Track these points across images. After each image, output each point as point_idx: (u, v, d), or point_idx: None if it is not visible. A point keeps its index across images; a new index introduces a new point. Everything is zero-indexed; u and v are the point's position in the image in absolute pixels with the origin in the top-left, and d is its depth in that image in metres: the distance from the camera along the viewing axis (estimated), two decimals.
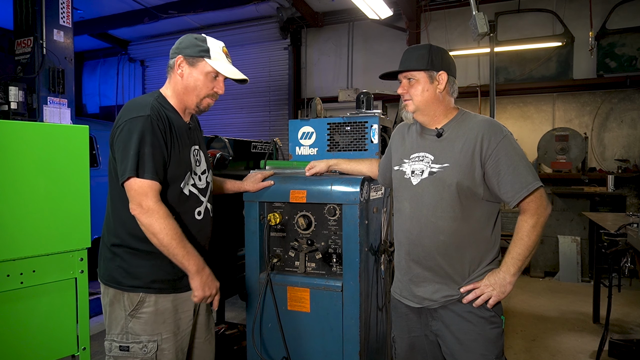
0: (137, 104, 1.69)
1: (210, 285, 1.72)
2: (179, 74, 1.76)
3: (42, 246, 2.08)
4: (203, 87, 1.77)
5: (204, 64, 1.76)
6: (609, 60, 6.35)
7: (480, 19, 3.58)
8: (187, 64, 1.75)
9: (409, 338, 1.87)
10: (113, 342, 1.70)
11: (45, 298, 2.09)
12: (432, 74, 1.74)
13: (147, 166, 1.60)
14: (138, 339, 1.68)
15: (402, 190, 1.82)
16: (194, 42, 1.77)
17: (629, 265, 3.15)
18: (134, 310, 1.69)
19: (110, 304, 1.73)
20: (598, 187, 5.94)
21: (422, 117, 1.79)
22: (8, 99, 4.56)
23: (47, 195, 2.09)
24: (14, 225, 1.99)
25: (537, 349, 3.69)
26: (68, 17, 5.01)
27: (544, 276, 5.98)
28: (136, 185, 1.60)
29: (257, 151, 3.15)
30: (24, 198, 2.02)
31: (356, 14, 6.93)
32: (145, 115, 1.63)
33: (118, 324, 1.70)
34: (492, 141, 1.65)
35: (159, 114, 1.69)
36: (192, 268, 1.67)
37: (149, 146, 1.61)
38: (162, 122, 1.67)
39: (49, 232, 2.10)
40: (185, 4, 7.90)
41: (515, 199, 1.62)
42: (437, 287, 1.73)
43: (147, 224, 1.60)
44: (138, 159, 1.59)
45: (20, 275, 2.01)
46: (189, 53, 1.75)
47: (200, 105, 1.81)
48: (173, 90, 1.79)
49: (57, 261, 2.12)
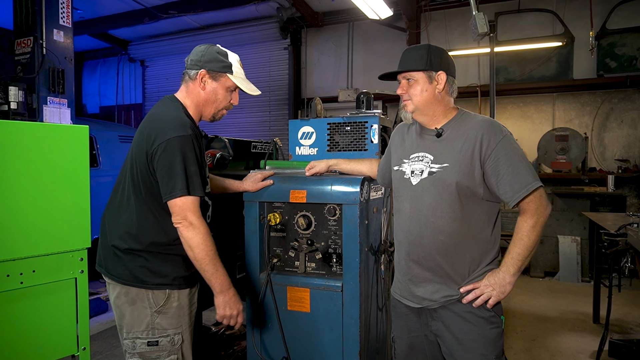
0: (175, 121, 1.74)
1: (231, 306, 1.80)
2: (201, 87, 1.84)
3: (42, 246, 2.08)
4: (223, 100, 1.88)
5: (226, 79, 1.85)
6: (609, 60, 6.35)
7: (480, 19, 3.58)
8: (210, 79, 1.83)
9: (408, 338, 1.87)
10: (137, 339, 1.76)
11: (45, 298, 2.09)
12: (431, 74, 1.74)
13: (195, 184, 1.70)
14: (165, 332, 1.77)
15: (402, 191, 1.82)
16: (217, 57, 1.83)
17: (629, 265, 3.15)
18: (161, 307, 1.76)
19: (131, 302, 1.77)
20: (598, 187, 5.94)
21: (421, 117, 1.79)
22: (8, 99, 4.56)
23: (47, 195, 2.09)
24: (14, 225, 1.99)
25: (537, 349, 3.69)
26: (68, 17, 5.01)
27: (544, 276, 5.98)
28: (180, 202, 1.68)
29: (257, 151, 3.15)
30: (24, 198, 2.02)
31: (356, 14, 6.93)
32: (188, 135, 1.71)
33: (142, 321, 1.76)
34: (492, 141, 1.65)
35: (194, 131, 1.76)
36: (217, 287, 1.76)
37: (194, 165, 1.70)
38: (198, 140, 1.76)
39: (49, 232, 2.09)
40: (185, 4, 7.89)
41: (514, 199, 1.62)
42: (436, 287, 1.73)
43: (187, 237, 1.70)
44: (187, 177, 1.68)
45: (20, 275, 2.01)
46: (212, 68, 1.82)
47: (217, 116, 1.92)
48: (192, 101, 1.86)
49: (57, 261, 2.12)
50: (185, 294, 1.84)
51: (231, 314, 1.80)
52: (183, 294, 1.83)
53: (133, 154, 1.81)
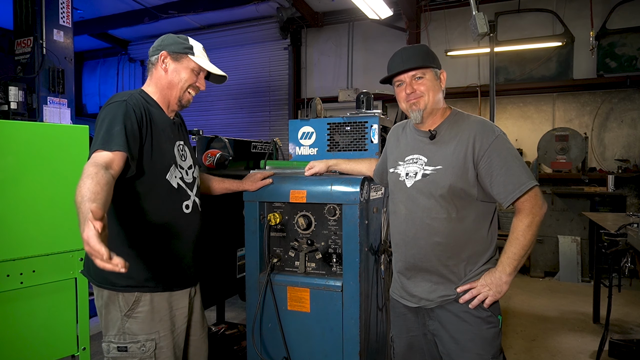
0: (118, 94, 1.72)
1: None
2: (163, 69, 1.80)
3: (42, 246, 2.08)
4: (188, 79, 1.82)
5: (188, 60, 1.81)
6: (609, 60, 6.34)
7: (480, 19, 3.57)
8: (171, 60, 1.80)
9: (407, 338, 1.87)
10: (111, 343, 1.68)
11: (45, 298, 2.09)
12: (437, 71, 1.76)
13: (115, 140, 1.52)
14: (136, 338, 1.67)
15: (397, 193, 1.83)
16: (177, 40, 1.82)
17: (629, 265, 3.15)
18: (129, 310, 1.67)
19: (105, 305, 1.70)
20: (598, 187, 5.94)
21: (428, 115, 1.76)
22: (8, 99, 4.56)
23: (47, 195, 2.09)
24: (14, 225, 1.99)
25: (537, 349, 3.69)
26: (68, 17, 5.01)
27: (544, 276, 5.98)
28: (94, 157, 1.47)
29: (257, 151, 3.15)
30: (24, 198, 2.02)
31: (356, 14, 6.92)
32: (122, 100, 1.65)
33: (114, 325, 1.69)
34: (485, 142, 1.65)
35: (139, 103, 1.70)
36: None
37: (120, 124, 1.58)
38: (139, 110, 1.68)
39: (49, 232, 2.10)
40: (185, 4, 7.89)
41: (508, 200, 1.63)
42: (433, 287, 1.74)
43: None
44: (108, 135, 1.54)
45: (20, 275, 2.01)
46: (173, 49, 1.79)
47: (183, 100, 1.84)
48: (156, 86, 1.82)
49: (57, 261, 2.12)
50: (162, 297, 1.73)
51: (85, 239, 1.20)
52: (158, 298, 1.72)
53: None
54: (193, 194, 1.87)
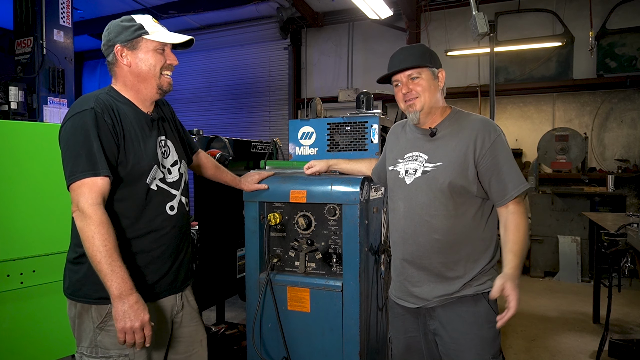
0: (82, 99, 1.57)
1: (132, 317, 1.41)
2: (126, 64, 1.63)
3: (42, 246, 2.08)
4: (157, 63, 1.64)
5: (145, 42, 1.64)
6: (609, 60, 6.35)
7: (480, 19, 3.57)
8: (128, 50, 1.62)
9: (405, 339, 1.87)
10: (83, 355, 1.58)
11: (45, 298, 2.09)
12: (434, 70, 1.75)
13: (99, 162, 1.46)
14: (107, 353, 1.55)
15: (397, 190, 1.83)
16: (122, 25, 1.64)
17: (629, 265, 3.15)
18: (102, 323, 1.55)
19: (78, 316, 1.59)
20: (598, 187, 5.94)
21: (427, 116, 1.76)
22: (8, 99, 4.57)
23: (47, 196, 2.10)
24: (14, 225, 2.00)
25: (537, 349, 3.69)
26: (68, 17, 5.01)
27: (544, 276, 5.98)
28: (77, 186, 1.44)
29: (257, 151, 3.15)
30: (24, 198, 2.02)
31: (356, 14, 6.92)
32: (89, 108, 1.50)
33: (87, 336, 1.57)
34: (487, 140, 1.67)
35: (106, 105, 1.56)
36: (114, 291, 1.41)
37: (97, 141, 1.47)
38: (108, 114, 1.54)
39: (49, 232, 2.10)
40: (185, 4, 7.89)
41: (503, 200, 1.67)
42: (432, 287, 1.74)
43: (79, 228, 1.43)
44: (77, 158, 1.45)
45: (20, 275, 2.01)
46: (124, 38, 1.62)
47: (163, 86, 1.67)
48: (124, 84, 1.66)
49: (57, 261, 2.12)
50: None
51: (131, 326, 1.41)
52: None
53: None
54: (179, 193, 1.74)
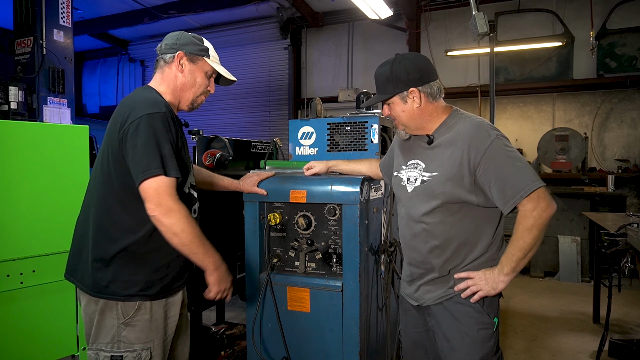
0: (148, 100, 1.63)
1: (226, 279, 1.76)
2: (179, 70, 1.74)
3: (42, 246, 2.08)
4: (202, 84, 1.78)
5: (203, 63, 1.77)
6: (609, 60, 6.34)
7: (480, 19, 3.57)
8: (188, 61, 1.74)
9: (411, 334, 1.93)
10: (101, 351, 1.61)
11: (45, 298, 2.09)
12: (402, 94, 1.70)
13: (170, 165, 1.54)
14: (132, 347, 1.61)
15: (400, 197, 1.87)
16: (193, 40, 1.77)
17: (629, 265, 3.15)
18: (129, 318, 1.61)
19: (100, 312, 1.62)
20: (598, 187, 5.94)
21: (417, 130, 1.79)
22: (8, 99, 4.57)
23: (47, 195, 2.09)
24: (14, 225, 2.00)
25: (537, 349, 3.69)
26: (68, 17, 5.01)
27: (544, 276, 5.98)
28: (155, 184, 1.51)
29: (257, 151, 3.15)
30: (24, 198, 2.02)
31: (356, 14, 6.92)
32: (162, 112, 1.58)
33: (109, 332, 1.61)
34: (480, 148, 1.61)
35: (172, 113, 1.66)
36: (211, 266, 1.69)
37: (168, 145, 1.56)
38: (173, 122, 1.64)
39: (49, 232, 2.10)
40: (185, 4, 7.89)
41: (507, 207, 1.59)
42: (429, 288, 1.78)
43: (169, 224, 1.53)
44: (161, 157, 1.53)
45: (20, 275, 2.01)
46: (190, 50, 1.74)
47: (195, 103, 1.81)
48: (168, 86, 1.75)
49: (57, 261, 2.12)
50: (159, 305, 1.67)
51: (225, 287, 1.76)
52: (157, 306, 1.66)
53: (104, 143, 1.66)
54: (196, 196, 1.85)
